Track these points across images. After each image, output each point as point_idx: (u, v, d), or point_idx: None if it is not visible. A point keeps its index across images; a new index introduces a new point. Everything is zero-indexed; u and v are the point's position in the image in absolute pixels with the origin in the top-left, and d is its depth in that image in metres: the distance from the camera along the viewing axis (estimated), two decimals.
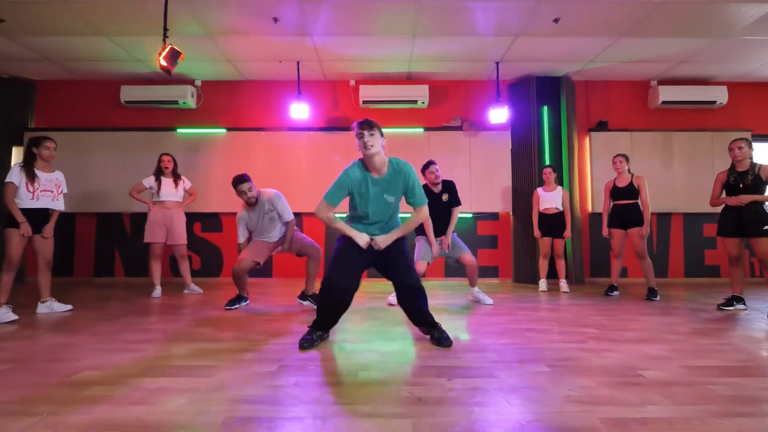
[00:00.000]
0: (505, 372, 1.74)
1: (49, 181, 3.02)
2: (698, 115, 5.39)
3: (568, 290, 4.26)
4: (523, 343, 2.22)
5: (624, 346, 2.15)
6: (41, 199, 2.95)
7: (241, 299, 3.30)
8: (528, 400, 1.44)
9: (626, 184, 3.93)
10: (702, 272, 5.26)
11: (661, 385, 1.59)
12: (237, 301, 3.26)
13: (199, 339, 2.29)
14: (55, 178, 3.06)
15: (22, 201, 2.89)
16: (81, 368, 1.78)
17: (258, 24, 3.92)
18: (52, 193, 3.02)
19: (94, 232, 5.18)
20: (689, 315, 3.02)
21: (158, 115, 5.27)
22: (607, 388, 1.57)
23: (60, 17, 3.80)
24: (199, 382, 1.61)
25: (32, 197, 2.91)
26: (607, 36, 4.21)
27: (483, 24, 3.94)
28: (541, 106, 5.11)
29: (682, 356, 1.98)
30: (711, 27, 4.02)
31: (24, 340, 2.25)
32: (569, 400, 1.45)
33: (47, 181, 3.00)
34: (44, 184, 2.98)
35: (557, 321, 2.82)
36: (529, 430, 1.22)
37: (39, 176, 2.95)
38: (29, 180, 2.89)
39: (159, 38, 4.02)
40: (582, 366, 1.83)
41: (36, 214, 2.94)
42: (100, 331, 2.46)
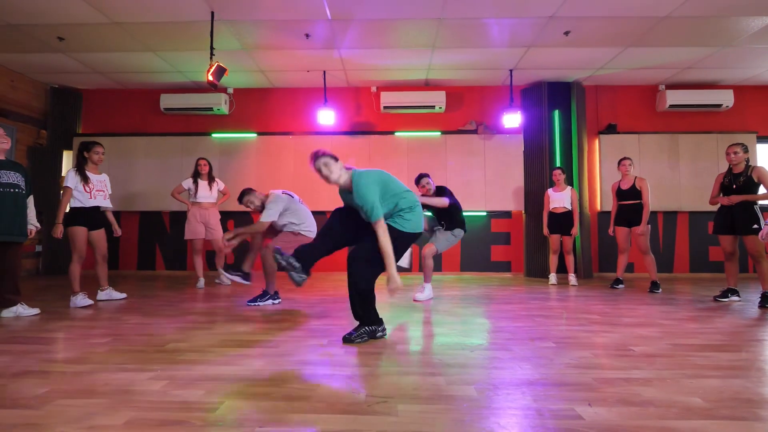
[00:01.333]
0: (517, 347, 2.09)
1: (100, 181, 3.41)
2: (704, 117, 5.61)
3: (576, 283, 4.57)
4: (533, 325, 2.57)
5: (621, 329, 2.49)
6: (97, 197, 3.34)
7: (266, 295, 3.31)
8: (536, 366, 1.80)
9: (629, 186, 4.22)
10: (706, 268, 5.50)
11: (647, 356, 1.93)
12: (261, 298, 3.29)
13: (255, 320, 2.70)
14: (104, 179, 3.46)
15: (82, 200, 3.26)
16: (170, 341, 2.19)
17: (291, 40, 4.30)
18: (103, 192, 3.41)
19: (137, 228, 5.66)
20: (686, 305, 3.32)
21: (194, 121, 5.72)
22: (601, 358, 1.91)
23: (113, 36, 4.24)
24: (267, 351, 2.01)
25: (90, 196, 3.29)
26: (614, 46, 4.48)
27: (497, 37, 4.26)
28: (553, 110, 5.39)
29: (670, 337, 2.31)
30: (715, 37, 4.26)
31: (111, 321, 2.69)
32: (569, 366, 1.80)
33: (98, 182, 3.39)
34: (96, 184, 3.36)
35: (564, 309, 3.16)
36: (535, 385, 1.58)
37: (91, 178, 3.33)
38: (84, 181, 3.27)
39: (200, 52, 4.48)
40: (582, 343, 2.17)
41: (94, 211, 3.34)
42: (169, 315, 2.89)
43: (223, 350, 2.02)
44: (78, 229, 3.23)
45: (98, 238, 3.37)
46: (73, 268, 3.23)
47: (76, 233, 3.22)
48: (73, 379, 1.62)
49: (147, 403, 1.39)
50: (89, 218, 3.29)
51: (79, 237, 3.23)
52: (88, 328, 2.47)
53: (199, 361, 1.84)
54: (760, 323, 2.68)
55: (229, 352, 1.99)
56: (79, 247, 3.24)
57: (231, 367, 1.77)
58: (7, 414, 1.31)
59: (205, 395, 1.46)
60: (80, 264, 3.26)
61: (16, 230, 2.78)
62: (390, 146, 5.59)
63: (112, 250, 5.59)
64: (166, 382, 1.59)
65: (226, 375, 1.67)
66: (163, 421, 1.27)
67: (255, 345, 2.11)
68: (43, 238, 5.38)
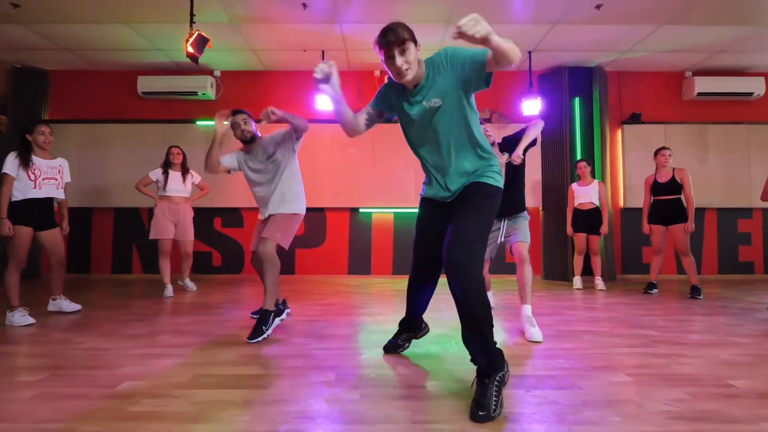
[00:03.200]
0: (584, 382, 1.60)
1: (51, 168, 2.78)
2: (734, 107, 5.18)
3: (604, 288, 4.11)
4: (586, 348, 2.08)
5: (696, 351, 2.00)
6: (44, 187, 2.72)
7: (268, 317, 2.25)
8: (627, 417, 1.30)
9: (668, 179, 3.76)
10: (736, 269, 5.09)
11: (757, 397, 1.45)
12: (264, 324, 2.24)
13: (241, 344, 2.16)
14: (57, 165, 2.83)
15: (24, 191, 2.64)
16: (124, 377, 1.66)
17: (286, 10, 3.75)
18: (55, 180, 2.79)
19: (111, 227, 5.07)
20: (743, 315, 2.86)
21: (177, 107, 5.13)
22: (704, 401, 1.42)
23: (77, 3, 3.65)
24: (251, 395, 1.48)
25: (34, 186, 2.67)
26: (648, 23, 4.01)
27: (522, 11, 3.75)
28: (573, 97, 4.91)
29: (764, 362, 1.83)
30: (753, 15, 3.81)
31: (56, 345, 2.13)
32: (671, 417, 1.31)
33: (49, 168, 2.76)
34: (46, 171, 2.74)
35: (609, 321, 2.67)
36: None
37: (38, 164, 2.71)
38: (26, 167, 2.63)
39: (181, 26, 3.89)
40: (665, 375, 1.68)
41: (41, 204, 2.71)
42: (134, 334, 2.34)
43: (194, 394, 1.49)
44: (18, 230, 2.60)
45: (51, 240, 2.77)
46: (9, 277, 2.60)
47: (14, 234, 2.59)
48: None
49: None
50: (34, 214, 2.67)
51: (19, 239, 2.60)
52: (23, 357, 1.92)
53: (157, 416, 1.31)
54: None
55: (202, 398, 1.46)
56: (16, 251, 2.60)
57: (200, 427, 1.24)
58: None
59: None
60: (18, 272, 2.64)
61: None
62: (396, 137, 5.01)
63: (83, 252, 5.00)
64: None
65: None
66: None
67: (238, 385, 1.58)
68: None
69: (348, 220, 5.10)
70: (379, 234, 5.11)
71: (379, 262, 5.08)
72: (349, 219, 5.11)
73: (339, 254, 5.08)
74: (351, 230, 5.09)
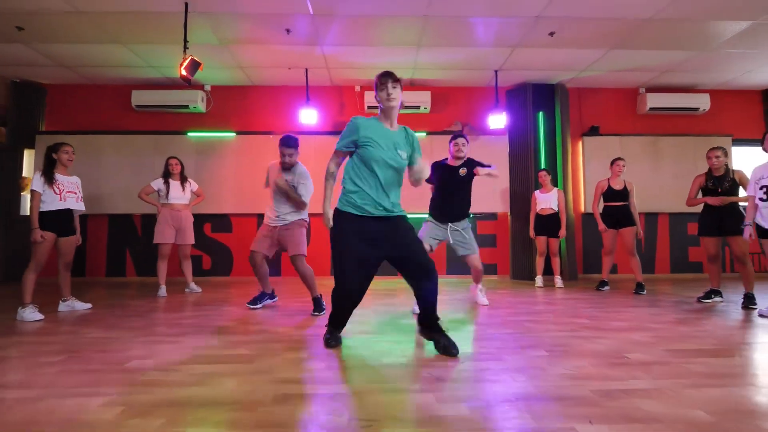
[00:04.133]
0: (509, 356, 1.98)
1: (71, 183, 3.19)
2: (683, 120, 5.71)
3: (562, 285, 4.53)
4: (523, 332, 2.47)
5: (612, 334, 2.41)
6: (67, 200, 3.11)
7: (264, 296, 3.29)
8: (530, 377, 1.69)
9: (621, 187, 4.21)
10: (686, 268, 5.58)
11: (643, 365, 1.85)
12: (259, 299, 3.26)
13: (229, 331, 2.51)
14: (75, 181, 3.24)
15: (50, 203, 3.02)
16: (131, 358, 1.99)
17: (271, 34, 4.12)
18: (75, 194, 3.18)
19: (105, 232, 5.34)
20: (672, 307, 3.30)
21: (169, 119, 5.44)
22: (597, 368, 1.82)
23: (77, 26, 3.96)
24: (242, 368, 1.83)
25: (60, 199, 3.06)
26: (598, 48, 4.48)
27: (483, 36, 4.19)
28: (537, 111, 5.38)
29: (662, 342, 2.24)
30: (694, 41, 4.31)
31: (67, 335, 2.44)
32: (565, 377, 1.70)
33: (69, 183, 3.17)
34: (67, 186, 3.14)
35: (553, 313, 3.08)
36: (532, 400, 1.46)
37: (60, 179, 3.10)
38: (51, 183, 3.03)
39: (173, 46, 4.24)
40: (575, 351, 2.08)
41: (63, 215, 3.09)
42: (134, 326, 2.66)
43: (191, 367, 1.83)
44: (45, 235, 2.98)
45: (67, 246, 3.14)
46: (27, 276, 2.95)
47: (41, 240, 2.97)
48: (13, 408, 1.41)
49: None
50: (58, 223, 3.05)
51: (44, 244, 2.96)
52: (40, 344, 2.23)
53: (162, 382, 1.65)
54: (747, 325, 2.67)
55: (198, 370, 1.80)
56: (40, 254, 2.97)
57: (198, 389, 1.59)
58: None
59: (164, 425, 1.28)
60: (36, 273, 2.98)
61: None
62: None
63: (78, 256, 5.24)
64: (121, 408, 1.40)
65: (191, 398, 1.49)
66: None
67: (227, 361, 1.93)
68: (1, 244, 4.99)
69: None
70: None
71: None
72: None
73: (322, 254, 5.42)
74: None
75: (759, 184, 3.06)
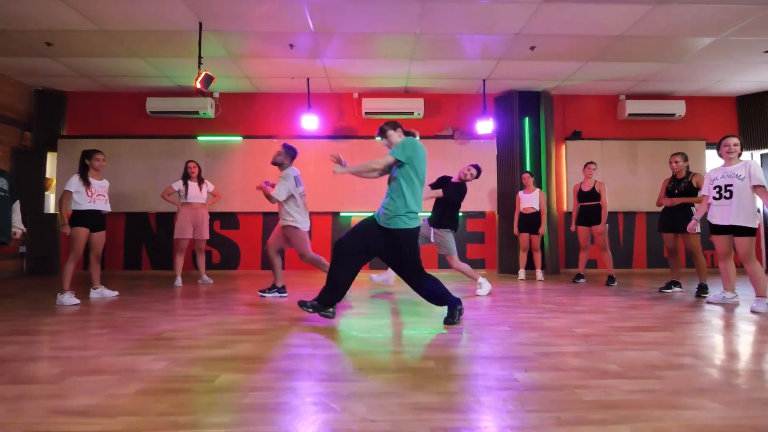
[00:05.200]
0: (476, 331, 2.40)
1: (101, 186, 3.64)
2: (660, 125, 6.10)
3: (542, 278, 4.94)
4: (495, 314, 2.89)
5: (571, 316, 2.82)
6: (97, 202, 3.56)
7: (273, 289, 3.61)
8: (489, 345, 2.10)
9: (590, 188, 4.61)
10: (662, 263, 5.98)
11: (584, 336, 2.26)
12: (269, 290, 3.63)
13: (243, 313, 2.93)
14: (105, 185, 3.69)
15: (82, 204, 3.47)
16: (163, 330, 2.41)
17: (276, 49, 4.53)
18: (104, 197, 3.64)
19: (123, 229, 5.76)
20: (634, 296, 3.71)
21: (180, 124, 5.86)
22: (546, 338, 2.23)
23: (101, 43, 4.37)
24: (256, 337, 2.25)
25: (90, 200, 3.51)
26: (576, 61, 4.87)
27: (470, 51, 4.59)
28: (523, 117, 5.77)
29: (610, 321, 2.65)
30: (665, 54, 4.70)
31: (105, 315, 2.87)
32: (517, 344, 2.11)
33: (100, 187, 3.62)
34: (98, 189, 3.59)
35: (526, 300, 3.49)
36: (484, 359, 1.88)
37: (93, 183, 3.56)
38: (86, 186, 3.49)
39: (187, 59, 4.66)
40: (534, 326, 2.49)
41: (93, 214, 3.55)
42: (161, 309, 3.08)
43: (215, 338, 2.25)
44: (80, 230, 3.44)
45: (98, 240, 3.57)
46: (67, 266, 3.39)
47: (78, 233, 3.43)
48: (81, 362, 1.83)
49: (152, 378, 1.62)
50: (90, 220, 3.50)
51: (80, 237, 3.43)
52: (85, 321, 2.66)
53: (195, 347, 2.07)
54: (692, 309, 3.07)
55: (220, 339, 2.22)
56: (77, 247, 3.43)
57: (224, 350, 2.00)
58: (29, 388, 1.53)
59: (203, 371, 1.70)
60: (75, 263, 3.43)
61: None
62: (372, 150, 5.85)
63: None
64: (166, 362, 1.82)
65: (219, 356, 1.91)
66: (168, 389, 1.51)
67: (244, 333, 2.35)
68: (27, 239, 5.42)
69: (330, 223, 5.88)
70: None
71: None
72: (331, 221, 5.88)
73: (321, 252, 5.84)
74: (333, 231, 5.86)
75: (713, 184, 3.44)
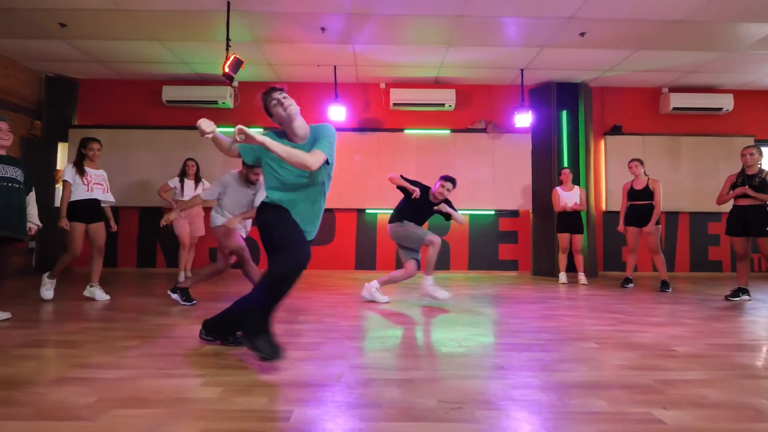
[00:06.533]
0: (562, 348, 2.08)
1: (98, 176, 3.41)
2: (705, 120, 5.75)
3: (586, 282, 4.63)
4: (564, 325, 2.57)
5: (652, 329, 2.51)
6: (94, 191, 3.33)
7: None
8: (591, 368, 1.79)
9: (642, 186, 4.28)
10: (706, 267, 5.66)
11: (693, 357, 1.95)
12: None
13: (283, 320, 2.62)
14: (102, 174, 3.45)
15: (79, 193, 3.24)
16: (202, 343, 2.09)
17: (306, 33, 4.20)
18: (102, 186, 3.40)
19: (136, 224, 5.45)
20: (701, 304, 3.39)
21: (198, 115, 5.41)
22: (650, 359, 1.92)
23: (118, 24, 4.04)
24: (312, 354, 1.94)
25: (87, 189, 3.29)
26: (626, 49, 4.53)
27: (514, 36, 4.25)
28: (561, 110, 5.44)
29: (703, 336, 2.34)
30: (720, 42, 4.35)
31: (129, 322, 2.55)
32: (623, 368, 1.79)
33: (96, 176, 3.39)
34: (94, 178, 3.36)
35: (586, 309, 3.18)
36: (600, 388, 1.56)
37: (88, 172, 3.33)
38: (81, 174, 3.26)
39: (207, 43, 4.37)
40: (623, 343, 2.18)
41: (90, 203, 3.30)
42: (189, 315, 2.77)
43: None
44: (75, 226, 3.22)
45: (96, 231, 3.34)
46: (63, 258, 3.25)
47: (73, 230, 3.21)
48: (117, 387, 1.52)
49: (213, 413, 1.31)
50: (86, 211, 3.27)
51: (76, 234, 3.21)
52: (109, 330, 2.35)
53: (243, 366, 1.76)
54: None
55: None
56: (73, 242, 3.21)
57: (283, 372, 1.69)
58: (64, 427, 1.22)
59: (269, 403, 1.39)
60: (71, 259, 3.26)
61: (13, 225, 2.61)
62: (399, 144, 5.54)
63: (110, 247, 5.39)
64: (220, 388, 1.51)
65: (278, 380, 1.60)
66: (238, 431, 1.19)
67: (293, 347, 2.04)
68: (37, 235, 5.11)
69: (355, 220, 5.56)
70: (384, 232, 5.56)
71: (384, 258, 5.54)
72: (356, 219, 5.56)
73: (346, 251, 5.54)
74: (358, 229, 5.55)
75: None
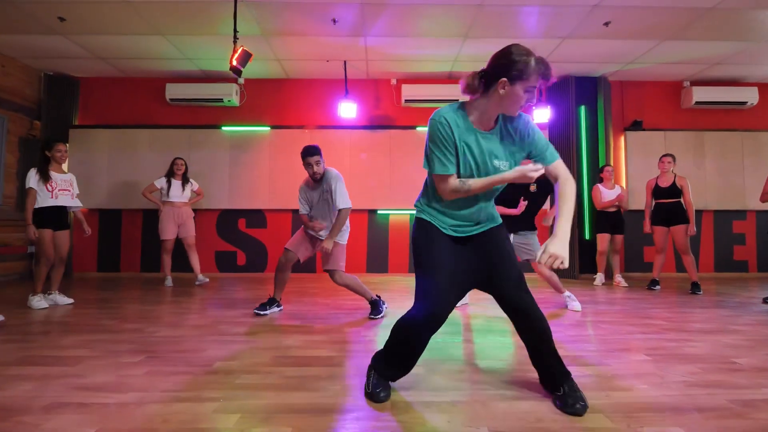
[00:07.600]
0: (612, 361, 1.87)
1: (64, 181, 3.22)
2: (729, 115, 5.52)
3: (626, 284, 4.39)
4: (606, 334, 2.36)
5: (702, 337, 2.29)
6: (60, 197, 3.15)
7: (273, 303, 2.92)
8: (652, 385, 1.58)
9: (669, 183, 4.06)
10: (730, 267, 5.42)
11: (758, 371, 1.73)
12: (269, 305, 2.89)
13: (294, 331, 2.42)
14: (69, 178, 3.26)
15: (43, 200, 3.08)
16: (213, 358, 1.90)
17: (316, 25, 4.00)
18: (69, 191, 3.23)
19: (140, 228, 5.28)
20: (740, 308, 3.16)
21: (203, 113, 5.35)
22: (712, 374, 1.70)
23: (120, 17, 3.86)
24: (334, 371, 1.74)
25: (51, 196, 3.11)
26: (651, 39, 4.31)
27: (535, 27, 4.04)
28: (579, 105, 5.22)
29: (762, 346, 2.12)
30: (749, 31, 4.13)
31: (133, 334, 2.36)
32: (687, 385, 1.58)
33: (62, 181, 3.20)
34: (60, 184, 3.18)
35: (620, 313, 2.96)
36: (672, 411, 1.36)
37: (54, 177, 3.14)
38: (45, 181, 3.08)
39: (212, 37, 4.19)
40: (677, 355, 1.97)
41: (56, 211, 3.15)
42: (194, 325, 2.58)
43: (282, 370, 1.75)
44: (44, 233, 3.09)
45: (61, 239, 3.20)
46: (39, 269, 3.10)
47: (42, 237, 3.08)
48: (121, 414, 1.33)
49: None
50: (53, 219, 3.14)
51: (45, 240, 3.09)
52: (111, 343, 2.16)
53: (262, 387, 1.56)
54: None
55: (289, 372, 1.71)
56: (45, 250, 3.10)
57: (306, 394, 1.49)
58: None
59: None
60: (47, 267, 3.12)
61: None
62: (411, 142, 5.34)
63: (113, 251, 5.22)
64: (238, 415, 1.31)
65: (303, 404, 1.40)
66: None
67: (315, 363, 1.84)
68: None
69: (366, 221, 5.36)
70: (396, 234, 5.37)
71: (396, 261, 5.34)
72: (367, 220, 5.37)
73: (358, 253, 5.34)
74: (369, 230, 5.35)
75: None
